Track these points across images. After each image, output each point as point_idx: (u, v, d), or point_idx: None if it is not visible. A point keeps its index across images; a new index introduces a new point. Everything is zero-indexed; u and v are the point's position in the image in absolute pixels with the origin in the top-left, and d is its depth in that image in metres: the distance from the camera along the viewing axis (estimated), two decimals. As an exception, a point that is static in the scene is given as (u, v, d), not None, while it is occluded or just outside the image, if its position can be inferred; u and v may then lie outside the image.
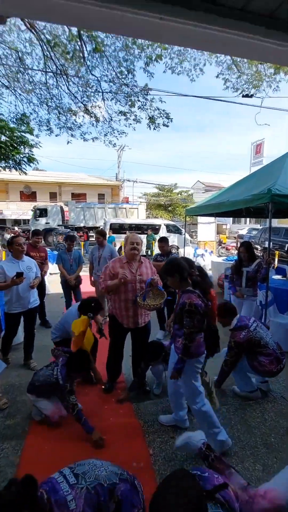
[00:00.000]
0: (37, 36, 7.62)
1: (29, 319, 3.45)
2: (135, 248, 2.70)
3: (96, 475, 1.33)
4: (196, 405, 2.18)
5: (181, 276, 2.14)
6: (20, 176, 9.61)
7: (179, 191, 30.05)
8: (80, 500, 1.22)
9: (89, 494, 1.24)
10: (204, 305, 2.13)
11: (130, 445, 2.25)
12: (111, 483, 1.33)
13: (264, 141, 20.06)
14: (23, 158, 8.52)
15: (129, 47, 7.55)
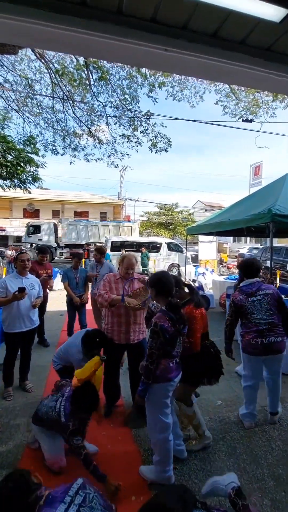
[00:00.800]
0: (46, 65, 8.07)
1: (28, 339, 3.36)
2: (129, 273, 2.85)
3: None
4: (156, 437, 2.02)
5: (158, 292, 2.08)
6: (24, 194, 9.83)
7: (180, 210, 30.51)
8: None
9: None
10: (175, 330, 1.98)
11: (130, 475, 2.12)
12: None
13: (263, 163, 20.61)
14: (28, 177, 8.76)
15: (133, 76, 7.98)
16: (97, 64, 7.52)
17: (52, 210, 26.64)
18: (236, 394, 3.34)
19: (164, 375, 1.98)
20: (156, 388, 1.98)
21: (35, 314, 3.33)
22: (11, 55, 7.92)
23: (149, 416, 2.07)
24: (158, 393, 2.00)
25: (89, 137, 8.99)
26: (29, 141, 8.42)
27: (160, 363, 1.98)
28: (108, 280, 2.86)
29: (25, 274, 3.27)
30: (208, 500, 1.77)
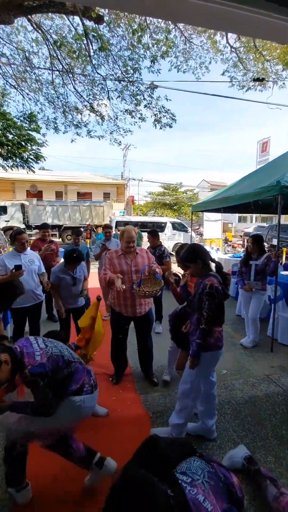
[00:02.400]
0: (44, 36, 7.69)
1: (34, 314, 3.39)
2: (130, 246, 2.78)
3: (61, 350, 1.72)
4: (185, 403, 2.10)
5: (204, 261, 2.06)
6: (27, 175, 9.71)
7: (185, 190, 29.99)
8: (43, 357, 1.56)
9: (52, 357, 1.60)
10: (224, 293, 2.04)
11: (139, 436, 2.22)
12: (70, 359, 1.74)
13: (270, 139, 19.88)
14: (30, 156, 8.60)
15: (134, 46, 7.57)
16: (96, 32, 7.12)
17: (55, 192, 26.38)
18: (240, 364, 3.44)
19: (217, 343, 2.06)
20: (209, 355, 2.03)
21: (38, 289, 3.33)
22: (7, 25, 7.54)
23: (190, 380, 2.07)
24: (210, 361, 2.07)
25: (90, 112, 8.69)
26: (30, 118, 8.17)
27: (214, 331, 2.03)
28: (110, 257, 2.82)
29: (23, 251, 3.23)
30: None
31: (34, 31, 7.78)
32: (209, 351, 2.01)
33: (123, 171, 27.43)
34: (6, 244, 5.72)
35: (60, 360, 1.65)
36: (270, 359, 3.56)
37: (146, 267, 2.75)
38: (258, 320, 3.87)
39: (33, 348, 1.61)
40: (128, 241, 2.77)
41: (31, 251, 3.48)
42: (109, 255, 2.87)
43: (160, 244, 4.48)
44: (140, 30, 6.73)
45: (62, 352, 1.71)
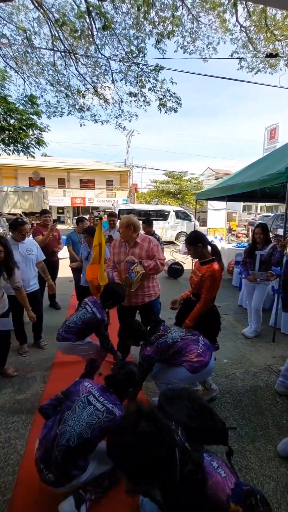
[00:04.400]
0: (45, 14, 7.37)
1: (33, 303, 3.31)
2: (120, 232, 2.79)
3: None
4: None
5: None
6: (29, 161, 9.56)
7: (189, 178, 29.45)
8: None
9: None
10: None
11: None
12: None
13: (279, 125, 19.29)
14: (31, 141, 8.42)
15: (139, 24, 7.23)
16: (99, 10, 6.81)
17: (57, 179, 26.13)
18: (241, 353, 3.43)
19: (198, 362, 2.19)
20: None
21: (34, 279, 3.32)
22: (8, 3, 7.23)
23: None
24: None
25: (94, 96, 8.43)
26: (30, 100, 7.95)
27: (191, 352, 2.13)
28: (113, 245, 2.87)
29: (21, 240, 3.18)
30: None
31: (35, 10, 7.45)
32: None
33: (126, 158, 26.96)
34: (8, 231, 5.70)
35: (69, 403, 1.62)
36: (272, 349, 3.55)
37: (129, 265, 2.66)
38: (261, 310, 3.84)
39: None
40: (121, 226, 2.75)
41: (30, 239, 3.45)
42: (112, 244, 2.89)
43: (153, 232, 4.70)
44: (145, 5, 6.40)
45: (70, 414, 1.54)
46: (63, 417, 1.52)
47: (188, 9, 7.22)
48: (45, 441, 1.50)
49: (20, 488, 1.70)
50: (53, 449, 1.43)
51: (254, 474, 1.84)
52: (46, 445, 1.48)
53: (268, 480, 1.80)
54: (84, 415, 1.50)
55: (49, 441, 1.48)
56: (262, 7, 6.76)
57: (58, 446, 1.42)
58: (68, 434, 1.44)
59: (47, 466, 1.44)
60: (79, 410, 1.53)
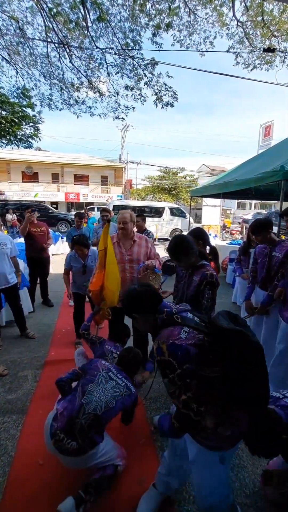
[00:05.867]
0: (38, 3, 7.17)
1: (11, 296, 3.46)
2: (123, 228, 2.66)
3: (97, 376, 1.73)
4: None
5: (195, 252, 1.93)
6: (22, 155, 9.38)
7: (184, 174, 29.39)
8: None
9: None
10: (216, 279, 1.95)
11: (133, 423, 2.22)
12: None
13: (274, 123, 19.34)
14: (24, 134, 8.26)
15: (136, 16, 7.10)
16: (94, 1, 6.65)
17: (51, 173, 25.78)
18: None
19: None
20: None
21: (11, 273, 3.35)
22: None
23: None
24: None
25: (89, 89, 8.29)
26: (23, 93, 7.77)
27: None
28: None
29: None
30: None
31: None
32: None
33: (121, 154, 26.74)
34: None
35: (88, 378, 1.72)
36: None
37: (141, 267, 2.60)
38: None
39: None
40: (119, 222, 2.66)
41: (3, 234, 3.49)
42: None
43: (145, 228, 4.73)
44: (141, -4, 6.28)
45: (94, 386, 1.66)
46: (87, 389, 1.64)
47: (185, 1, 7.12)
48: (67, 412, 1.57)
49: (11, 490, 1.67)
50: (79, 417, 1.54)
51: (246, 473, 1.85)
52: (69, 416, 1.56)
53: (260, 478, 1.80)
54: (108, 388, 1.66)
55: (73, 411, 1.56)
56: (260, 1, 6.69)
57: (85, 414, 1.54)
58: (94, 403, 1.58)
59: (69, 435, 1.51)
60: (102, 383, 1.68)
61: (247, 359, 1.02)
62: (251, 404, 1.06)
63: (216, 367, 1.03)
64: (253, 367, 1.03)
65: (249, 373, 1.02)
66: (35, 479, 1.74)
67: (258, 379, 1.03)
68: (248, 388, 1.03)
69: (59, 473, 1.79)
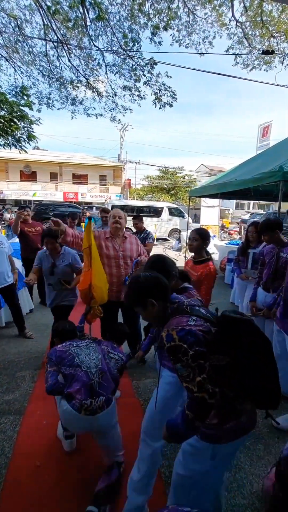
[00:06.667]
0: (37, 2, 7.13)
1: (9, 296, 3.47)
2: (117, 222, 2.69)
3: (80, 356, 1.83)
4: None
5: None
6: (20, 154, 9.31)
7: (183, 174, 29.39)
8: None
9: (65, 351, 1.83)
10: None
11: (131, 423, 2.21)
12: (78, 365, 1.78)
13: (272, 123, 19.37)
14: (22, 135, 8.19)
15: (135, 16, 7.08)
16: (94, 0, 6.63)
17: (49, 173, 25.71)
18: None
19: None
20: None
21: (9, 272, 3.40)
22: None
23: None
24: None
25: (87, 88, 8.26)
26: (21, 92, 7.73)
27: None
28: (98, 236, 2.69)
29: None
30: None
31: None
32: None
33: (120, 153, 26.69)
34: None
35: (68, 357, 1.77)
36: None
37: (136, 261, 2.69)
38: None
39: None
40: (114, 216, 2.69)
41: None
42: (97, 233, 2.74)
43: (144, 229, 4.77)
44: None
45: (79, 357, 1.79)
46: (76, 363, 1.76)
47: (184, 1, 7.11)
48: (80, 385, 1.67)
49: (8, 492, 1.66)
50: (93, 379, 1.71)
51: (244, 473, 1.85)
52: (84, 385, 1.68)
53: (257, 479, 1.80)
54: (90, 352, 1.86)
55: (85, 381, 1.69)
56: (259, 2, 6.69)
57: (94, 374, 1.72)
58: (92, 363, 1.77)
59: (94, 396, 1.66)
60: (81, 351, 1.84)
61: (257, 349, 1.04)
62: (263, 398, 1.06)
63: (223, 356, 1.04)
64: (263, 357, 1.04)
65: (259, 363, 1.03)
66: (32, 481, 1.73)
67: (268, 371, 1.04)
68: (259, 380, 1.03)
69: (57, 475, 1.78)
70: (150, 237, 4.67)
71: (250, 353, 1.02)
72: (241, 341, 1.04)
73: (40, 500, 1.61)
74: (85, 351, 1.84)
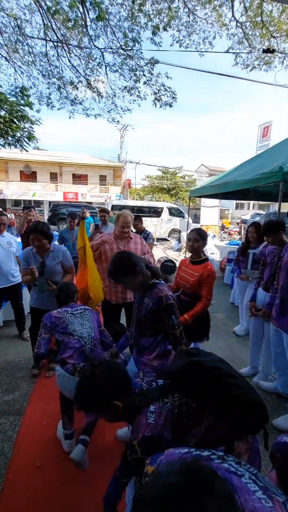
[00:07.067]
0: (37, 1, 7.13)
1: (13, 295, 3.49)
2: (125, 232, 2.71)
3: (73, 324, 1.96)
4: None
5: (139, 272, 1.60)
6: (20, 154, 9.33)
7: (183, 175, 29.40)
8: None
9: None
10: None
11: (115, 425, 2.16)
12: (70, 333, 1.91)
13: (272, 123, 19.39)
14: (22, 135, 8.19)
15: (135, 16, 7.08)
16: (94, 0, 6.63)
17: (49, 173, 25.69)
18: (233, 352, 3.44)
19: None
20: None
21: (16, 271, 3.41)
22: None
23: None
24: None
25: (87, 89, 8.25)
26: (21, 92, 7.73)
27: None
28: (106, 241, 2.75)
29: (0, 232, 3.32)
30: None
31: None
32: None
33: (120, 153, 26.68)
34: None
35: (61, 325, 1.88)
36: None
37: None
38: (252, 308, 3.85)
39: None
40: (123, 226, 2.69)
41: (8, 233, 3.56)
42: (105, 237, 2.79)
43: (144, 229, 4.79)
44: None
45: (72, 325, 1.90)
46: (69, 331, 1.88)
47: (184, 2, 7.11)
48: (73, 352, 1.81)
49: (7, 492, 1.66)
50: (85, 346, 1.85)
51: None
52: (77, 351, 1.82)
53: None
54: (84, 321, 1.96)
55: (78, 347, 1.82)
56: (259, 2, 6.69)
57: (86, 341, 1.86)
58: (84, 331, 1.90)
59: (86, 361, 1.78)
60: (74, 319, 1.95)
61: (208, 386, 1.00)
62: (251, 428, 1.01)
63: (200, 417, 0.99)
64: (221, 391, 0.99)
65: (222, 398, 0.98)
66: (32, 482, 1.72)
67: (233, 399, 0.98)
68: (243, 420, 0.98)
69: (57, 475, 1.78)
70: (150, 238, 4.70)
71: (205, 395, 0.97)
72: (192, 388, 1.00)
73: (40, 500, 1.61)
74: (78, 320, 1.95)
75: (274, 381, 2.71)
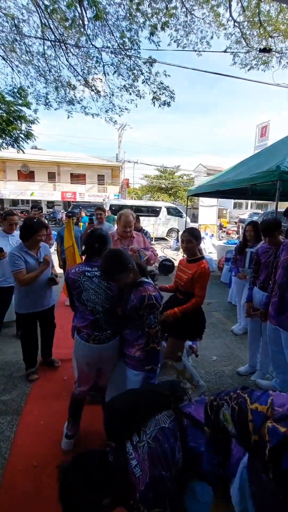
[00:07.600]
0: (34, 0, 7.10)
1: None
2: (127, 231, 2.79)
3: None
4: None
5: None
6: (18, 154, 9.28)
7: (181, 174, 29.40)
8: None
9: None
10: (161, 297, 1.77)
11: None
12: (83, 300, 1.80)
13: (270, 123, 19.43)
14: (20, 134, 8.16)
15: (133, 15, 7.07)
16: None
17: (47, 172, 25.63)
18: (230, 350, 3.45)
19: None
20: None
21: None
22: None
23: None
24: None
25: (85, 87, 8.24)
26: (19, 93, 7.71)
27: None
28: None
29: (11, 232, 3.34)
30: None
31: (24, -4, 7.18)
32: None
33: (118, 153, 26.65)
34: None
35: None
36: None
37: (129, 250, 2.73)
38: (250, 307, 3.86)
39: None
40: (125, 225, 2.75)
41: (18, 233, 3.44)
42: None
43: (141, 228, 4.76)
44: (138, -4, 6.28)
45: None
46: (83, 300, 1.80)
47: (182, 1, 7.11)
48: (87, 321, 1.80)
49: (5, 492, 1.65)
50: (99, 316, 1.79)
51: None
52: (90, 321, 1.79)
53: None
54: (99, 291, 1.81)
55: (90, 319, 1.80)
56: (257, 2, 6.70)
57: (99, 313, 1.79)
58: (98, 302, 1.79)
59: (100, 330, 1.80)
60: (89, 287, 1.81)
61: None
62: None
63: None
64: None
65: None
66: (29, 482, 1.72)
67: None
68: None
69: (54, 475, 1.77)
70: (148, 237, 4.69)
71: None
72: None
73: (37, 500, 1.61)
74: (95, 287, 1.79)
75: (272, 380, 2.72)
